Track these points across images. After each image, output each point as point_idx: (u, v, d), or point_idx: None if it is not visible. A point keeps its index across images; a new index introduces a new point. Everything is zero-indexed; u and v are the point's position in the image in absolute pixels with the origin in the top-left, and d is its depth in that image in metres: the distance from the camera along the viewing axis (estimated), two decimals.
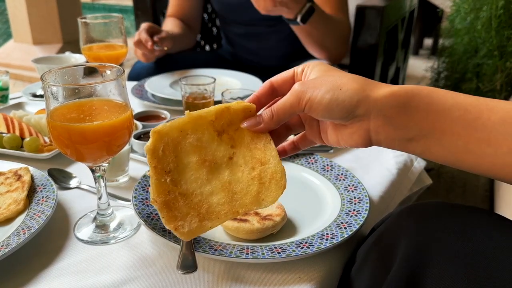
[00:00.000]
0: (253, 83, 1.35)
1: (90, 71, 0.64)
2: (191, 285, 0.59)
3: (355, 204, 0.73)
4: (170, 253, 0.64)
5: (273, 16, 1.45)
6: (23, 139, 0.93)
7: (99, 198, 0.68)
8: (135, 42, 1.32)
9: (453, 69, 1.96)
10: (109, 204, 0.70)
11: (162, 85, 1.32)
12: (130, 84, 1.35)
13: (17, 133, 0.95)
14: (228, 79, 1.40)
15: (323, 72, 0.51)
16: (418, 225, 0.49)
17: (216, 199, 0.51)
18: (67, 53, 1.40)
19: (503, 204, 1.41)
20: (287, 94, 0.50)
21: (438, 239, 0.46)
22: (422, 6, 3.29)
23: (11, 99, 1.25)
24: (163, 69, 1.46)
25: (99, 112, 0.60)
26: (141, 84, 1.34)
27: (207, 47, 1.96)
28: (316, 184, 0.83)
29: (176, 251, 0.62)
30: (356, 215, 0.69)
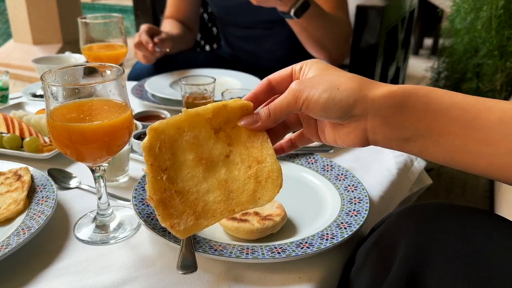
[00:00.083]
0: (253, 83, 1.35)
1: (90, 71, 0.64)
2: (191, 285, 0.58)
3: (355, 204, 0.73)
4: (170, 253, 0.64)
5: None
6: (23, 139, 0.93)
7: (99, 198, 0.68)
8: (135, 44, 1.32)
9: (453, 69, 1.96)
10: (109, 204, 0.70)
11: (162, 85, 1.32)
12: (130, 84, 1.35)
13: (17, 133, 0.95)
14: (228, 79, 1.40)
15: (321, 70, 0.51)
16: (418, 226, 0.49)
17: (212, 197, 0.51)
18: (67, 53, 1.40)
19: (503, 204, 1.41)
20: (284, 92, 0.50)
21: (438, 240, 0.46)
22: (422, 6, 3.29)
23: (11, 99, 1.25)
24: (163, 70, 1.46)
25: (99, 112, 0.60)
26: (141, 84, 1.34)
27: (207, 47, 1.96)
28: (316, 184, 0.83)
29: (176, 251, 0.62)
30: (356, 215, 0.69)
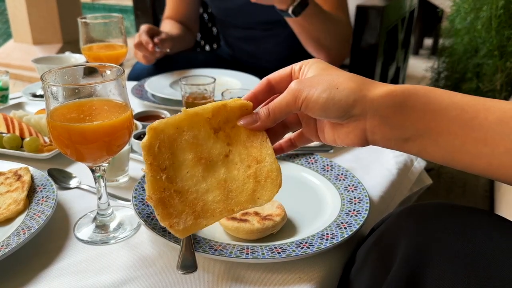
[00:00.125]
0: (253, 83, 1.35)
1: (90, 71, 0.64)
2: (191, 285, 0.58)
3: (355, 204, 0.73)
4: (170, 253, 0.64)
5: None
6: (23, 139, 0.93)
7: (99, 198, 0.68)
8: (135, 44, 1.32)
9: (453, 69, 1.95)
10: (109, 204, 0.70)
11: (162, 85, 1.32)
12: (130, 84, 1.35)
13: (17, 133, 0.95)
14: (228, 79, 1.40)
15: (320, 70, 0.51)
16: (418, 226, 0.49)
17: (212, 196, 0.51)
18: (67, 53, 1.40)
19: (503, 204, 1.41)
20: (284, 92, 0.50)
21: (438, 240, 0.46)
22: (422, 6, 3.29)
23: (11, 99, 1.25)
24: (163, 70, 1.46)
25: (99, 112, 0.60)
26: (141, 84, 1.34)
27: (207, 47, 1.96)
28: (316, 184, 0.83)
29: (176, 251, 0.62)
30: (356, 215, 0.69)
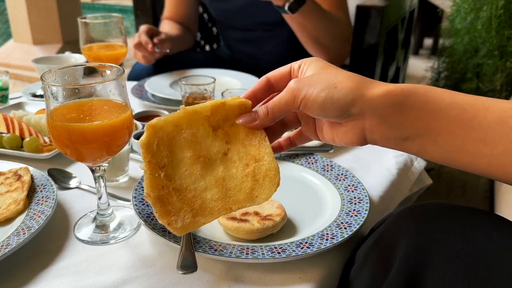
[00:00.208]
0: (253, 83, 1.32)
1: (90, 71, 0.64)
2: (191, 285, 0.58)
3: (355, 204, 0.73)
4: (170, 253, 0.64)
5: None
6: (23, 139, 0.93)
7: (99, 198, 0.68)
8: (135, 44, 1.32)
9: (453, 69, 1.95)
10: (109, 204, 0.70)
11: (162, 85, 1.32)
12: (130, 84, 1.35)
13: (17, 133, 0.95)
14: (228, 79, 1.40)
15: (319, 69, 0.51)
16: (418, 226, 0.49)
17: (210, 195, 0.51)
18: (67, 53, 1.40)
19: (504, 204, 1.41)
20: (282, 91, 0.50)
21: (438, 240, 0.46)
22: (422, 6, 3.29)
23: (11, 99, 1.25)
24: (163, 70, 1.46)
25: (99, 112, 0.60)
26: (141, 84, 1.34)
27: (207, 47, 1.96)
28: (316, 184, 0.83)
29: (176, 251, 0.62)
30: (356, 215, 0.69)
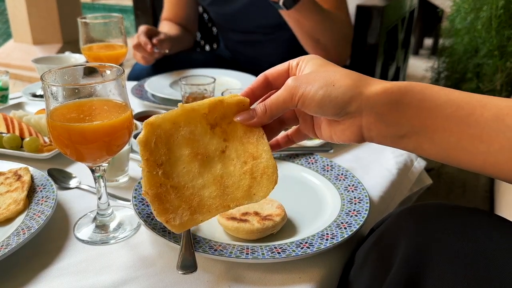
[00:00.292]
0: None
1: (90, 71, 0.64)
2: (191, 285, 0.58)
3: (355, 204, 0.73)
4: (170, 253, 0.64)
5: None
6: (23, 139, 0.93)
7: (99, 198, 0.68)
8: (134, 45, 1.32)
9: (453, 69, 1.95)
10: (109, 204, 0.70)
11: (162, 85, 1.32)
12: (130, 84, 1.35)
13: (17, 133, 0.95)
14: (228, 79, 1.40)
15: (317, 66, 0.51)
16: (418, 226, 0.49)
17: (208, 192, 0.51)
18: (67, 53, 1.40)
19: (503, 204, 1.41)
20: (280, 89, 0.50)
21: (438, 240, 0.46)
22: (422, 6, 3.29)
23: (11, 99, 1.25)
24: (163, 70, 1.46)
25: (99, 112, 0.60)
26: (141, 84, 1.34)
27: (207, 47, 1.96)
28: (316, 184, 0.83)
29: (176, 251, 0.62)
30: (356, 215, 0.69)
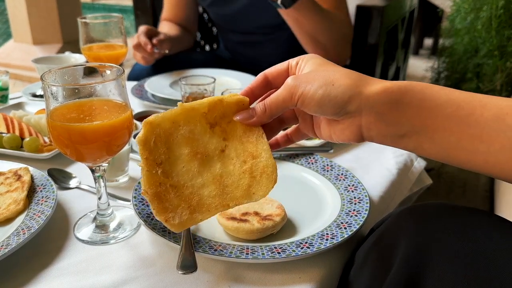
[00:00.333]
0: None
1: (90, 71, 0.64)
2: (191, 285, 0.58)
3: (355, 204, 0.73)
4: (170, 253, 0.64)
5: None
6: (23, 139, 0.93)
7: (99, 198, 0.68)
8: (134, 45, 1.32)
9: (453, 69, 1.95)
10: (109, 204, 0.70)
11: (162, 85, 1.32)
12: (130, 84, 1.35)
13: (17, 133, 0.95)
14: (228, 79, 1.40)
15: (317, 66, 0.51)
16: (418, 226, 0.49)
17: (207, 191, 0.51)
18: (67, 53, 1.40)
19: (504, 204, 1.41)
20: (280, 88, 0.50)
21: (438, 240, 0.46)
22: (422, 6, 3.29)
23: (11, 99, 1.25)
24: (163, 70, 1.46)
25: (99, 112, 0.60)
26: (141, 84, 1.34)
27: (207, 47, 1.96)
28: (316, 184, 0.83)
29: (176, 251, 0.62)
30: (356, 215, 0.69)
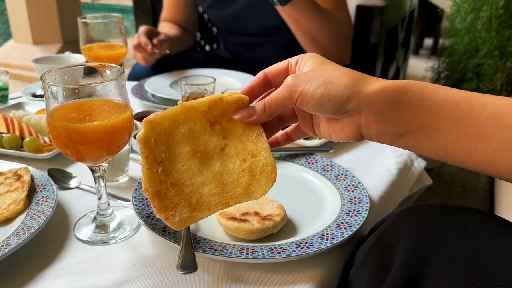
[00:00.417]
0: None
1: (90, 71, 0.64)
2: (191, 285, 0.58)
3: (355, 204, 0.73)
4: (170, 253, 0.64)
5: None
6: (23, 139, 0.93)
7: (99, 198, 0.68)
8: (134, 46, 1.32)
9: (453, 69, 1.96)
10: (109, 204, 0.70)
11: (162, 85, 1.32)
12: (130, 84, 1.35)
13: (17, 133, 0.95)
14: (228, 79, 1.40)
15: (316, 65, 0.51)
16: (418, 226, 0.49)
17: (207, 190, 0.51)
18: (67, 53, 1.40)
19: (504, 204, 1.41)
20: (279, 87, 0.50)
21: (438, 240, 0.46)
22: (422, 6, 3.29)
23: (11, 99, 1.25)
24: (163, 70, 1.46)
25: (99, 112, 0.60)
26: (141, 84, 1.34)
27: (207, 47, 1.96)
28: (316, 184, 0.83)
29: (176, 251, 0.62)
30: (356, 215, 0.69)
